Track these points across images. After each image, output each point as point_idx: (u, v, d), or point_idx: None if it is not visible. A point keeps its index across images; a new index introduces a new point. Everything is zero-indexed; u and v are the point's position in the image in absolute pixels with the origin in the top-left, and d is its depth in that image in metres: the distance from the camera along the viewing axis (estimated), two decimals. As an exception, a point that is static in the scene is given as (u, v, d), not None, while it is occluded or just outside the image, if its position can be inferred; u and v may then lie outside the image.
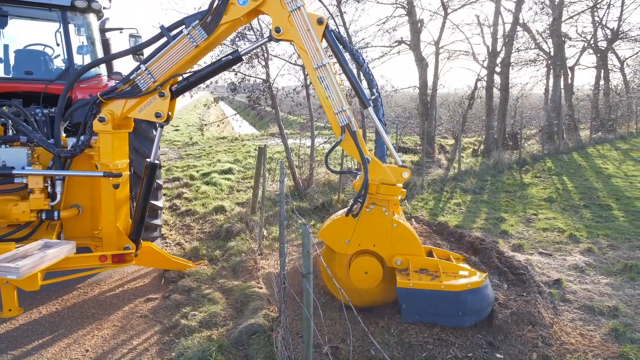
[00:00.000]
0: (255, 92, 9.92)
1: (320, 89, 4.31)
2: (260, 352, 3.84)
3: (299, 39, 4.24)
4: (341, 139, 4.31)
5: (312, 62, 4.25)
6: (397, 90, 15.25)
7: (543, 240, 7.32)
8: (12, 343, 4.17)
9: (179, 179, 11.32)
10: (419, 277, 4.23)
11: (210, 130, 20.08)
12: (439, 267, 4.37)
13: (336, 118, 4.29)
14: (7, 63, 6.41)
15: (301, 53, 4.36)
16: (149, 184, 4.76)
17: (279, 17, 4.27)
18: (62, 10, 6.01)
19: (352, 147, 4.33)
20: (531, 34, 18.31)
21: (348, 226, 4.42)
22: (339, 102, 4.26)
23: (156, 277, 5.74)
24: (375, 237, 4.41)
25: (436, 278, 4.22)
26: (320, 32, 4.28)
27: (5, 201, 4.46)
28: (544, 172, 13.28)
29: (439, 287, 4.09)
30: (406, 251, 4.41)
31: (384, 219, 4.37)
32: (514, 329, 4.18)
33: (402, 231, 4.41)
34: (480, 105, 17.98)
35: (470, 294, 4.09)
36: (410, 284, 4.11)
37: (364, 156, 4.28)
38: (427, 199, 10.11)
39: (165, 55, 4.35)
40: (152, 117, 4.54)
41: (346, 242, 4.43)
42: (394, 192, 4.31)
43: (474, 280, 4.18)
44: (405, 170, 4.38)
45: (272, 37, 4.40)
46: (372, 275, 4.39)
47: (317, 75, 4.27)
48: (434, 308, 4.12)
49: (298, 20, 4.20)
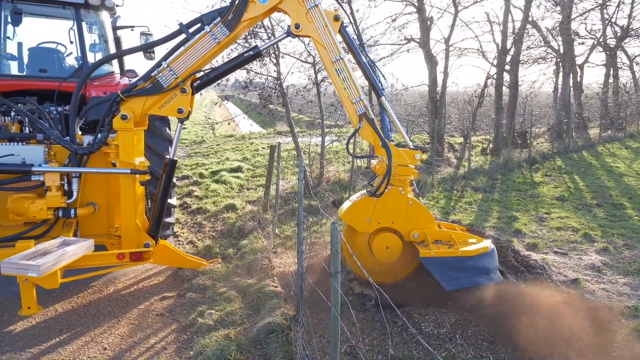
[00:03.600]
0: (266, 89, 9.90)
1: (338, 81, 4.59)
2: (279, 351, 3.81)
3: (317, 35, 4.48)
4: (359, 126, 4.63)
5: (331, 56, 4.51)
6: (407, 88, 15.18)
7: (557, 239, 7.25)
8: (30, 341, 4.17)
9: (188, 177, 11.32)
10: (437, 247, 4.63)
11: (217, 129, 20.08)
12: (452, 237, 4.75)
13: (354, 107, 4.61)
14: (21, 61, 6.42)
15: (319, 48, 4.58)
16: (168, 180, 4.80)
17: (297, 14, 4.46)
18: (75, 8, 6.01)
19: (370, 134, 4.66)
20: (541, 31, 18.16)
21: (368, 206, 4.70)
22: (356, 92, 4.57)
23: (170, 275, 5.73)
24: (393, 215, 4.73)
25: (452, 247, 4.62)
26: (337, 28, 4.56)
27: (23, 199, 4.46)
28: (554, 170, 13.18)
29: (457, 253, 4.52)
30: (421, 225, 4.75)
31: (400, 197, 4.71)
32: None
33: (417, 207, 4.77)
34: (489, 103, 17.86)
35: (482, 257, 4.61)
36: (431, 253, 4.50)
37: (385, 141, 4.58)
38: (438, 198, 10.05)
39: (187, 52, 4.40)
40: (174, 113, 4.58)
41: (367, 221, 4.71)
42: (409, 172, 4.67)
43: (484, 246, 4.70)
44: (418, 152, 4.73)
45: (291, 33, 4.58)
46: (393, 249, 4.71)
47: (335, 68, 4.54)
48: (456, 271, 4.49)
49: (316, 17, 4.44)
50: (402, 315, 4.38)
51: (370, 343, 4.13)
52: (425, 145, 16.65)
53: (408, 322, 4.30)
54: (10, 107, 4.67)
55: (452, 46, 15.62)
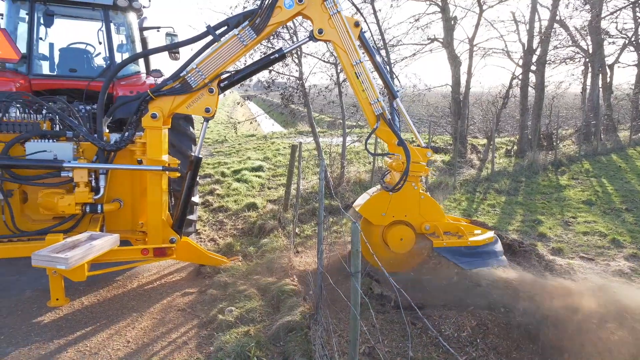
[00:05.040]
0: (288, 89, 9.96)
1: (357, 83, 4.87)
2: (298, 349, 3.83)
3: (339, 40, 4.76)
4: (377, 126, 4.94)
5: (351, 60, 4.78)
6: (429, 88, 15.02)
7: (584, 244, 7.06)
8: (58, 332, 4.30)
9: (210, 175, 11.47)
10: (448, 238, 5.05)
11: (239, 129, 20.30)
12: (460, 228, 5.17)
13: (372, 108, 4.90)
14: (53, 61, 6.63)
15: (340, 52, 4.85)
16: (193, 177, 4.93)
17: (320, 19, 4.72)
18: (104, 10, 6.18)
19: (387, 134, 4.99)
20: (569, 31, 17.71)
21: (383, 201, 5.04)
22: (374, 94, 4.87)
23: (192, 272, 5.82)
24: (406, 209, 5.09)
25: (461, 237, 5.06)
26: (357, 34, 4.85)
27: (52, 194, 4.60)
28: (581, 173, 12.84)
29: (466, 243, 4.99)
30: (432, 218, 5.13)
31: (413, 192, 5.06)
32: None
33: (428, 202, 5.15)
34: (514, 105, 17.52)
35: (489, 245, 5.11)
36: (444, 243, 4.95)
37: (402, 140, 4.90)
38: (460, 200, 9.92)
39: (215, 53, 4.57)
40: (202, 112, 4.73)
41: (382, 215, 5.04)
42: (421, 169, 5.00)
43: (489, 236, 5.19)
44: (429, 151, 5.11)
45: (313, 37, 4.83)
46: (407, 240, 5.11)
47: (354, 71, 4.82)
48: (469, 257, 4.93)
49: (338, 23, 4.72)
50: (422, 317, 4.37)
51: (390, 344, 4.11)
52: (448, 147, 16.45)
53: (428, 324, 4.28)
54: (42, 105, 4.83)
55: (476, 46, 15.39)
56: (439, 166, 13.27)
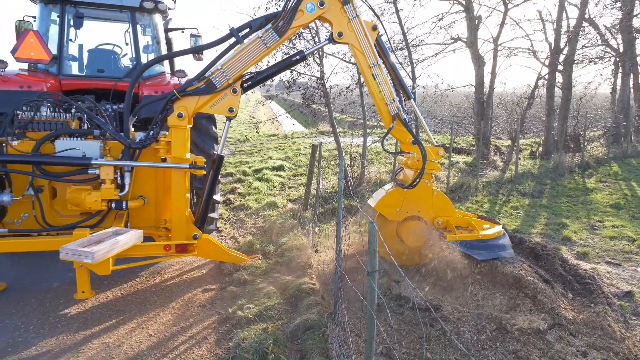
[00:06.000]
0: (309, 89, 10.01)
1: (373, 84, 5.11)
2: (315, 347, 3.85)
3: (357, 43, 4.97)
4: (392, 126, 5.19)
5: (368, 62, 5.02)
6: (452, 88, 14.83)
7: (610, 249, 6.87)
8: (84, 324, 4.44)
9: (232, 174, 11.62)
10: (460, 232, 5.28)
11: (261, 128, 20.48)
12: (470, 223, 5.45)
13: (388, 108, 5.15)
14: (82, 62, 6.84)
15: (358, 54, 5.06)
16: (215, 175, 5.04)
17: (340, 23, 4.93)
18: (131, 11, 6.34)
19: (402, 133, 5.26)
20: (598, 29, 17.20)
21: (398, 197, 5.32)
22: (390, 95, 5.12)
23: (212, 269, 5.92)
24: (420, 205, 5.35)
25: (472, 231, 5.31)
26: (374, 37, 5.07)
27: (80, 190, 4.76)
28: (610, 176, 12.47)
29: (478, 236, 5.23)
30: (444, 213, 5.40)
31: (426, 189, 5.32)
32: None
33: (440, 198, 5.41)
34: (539, 105, 17.12)
35: (498, 238, 5.36)
36: (457, 237, 5.15)
37: (418, 139, 5.16)
38: (482, 202, 9.78)
39: (239, 55, 4.71)
40: (225, 112, 4.87)
41: (397, 210, 5.31)
42: (434, 167, 5.27)
43: (498, 230, 5.42)
44: (441, 149, 5.33)
45: (332, 40, 5.03)
46: (420, 235, 5.35)
47: (372, 73, 5.05)
48: (481, 249, 5.16)
49: (357, 26, 4.93)
50: (441, 319, 4.33)
51: (407, 346, 4.09)
52: (470, 148, 16.22)
53: (445, 326, 4.24)
54: (71, 104, 5.00)
55: (500, 45, 15.11)
56: (461, 167, 13.10)
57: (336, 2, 4.86)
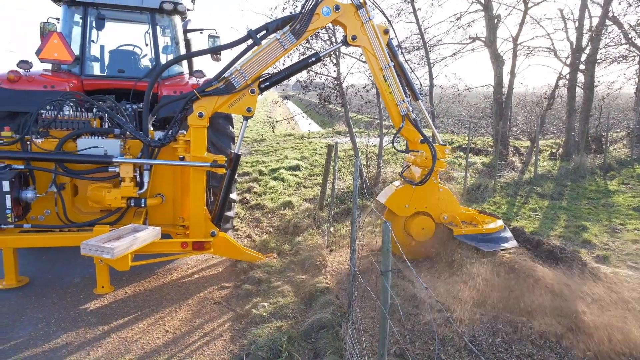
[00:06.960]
0: (325, 90, 10.03)
1: (384, 86, 5.35)
2: (328, 346, 3.87)
3: (370, 46, 5.20)
4: (402, 126, 5.44)
5: (380, 64, 5.25)
6: (470, 88, 14.67)
7: (632, 252, 6.70)
8: (102, 319, 4.55)
9: (248, 173, 11.72)
10: (466, 226, 5.59)
11: (277, 128, 20.58)
12: (474, 217, 5.76)
13: (398, 109, 5.40)
14: (103, 62, 7.00)
15: (370, 57, 5.27)
16: (232, 173, 5.12)
17: (354, 26, 5.14)
18: (151, 13, 6.46)
19: (411, 133, 5.52)
20: (622, 28, 16.76)
21: (407, 194, 5.60)
22: (400, 95, 5.36)
23: (228, 267, 5.99)
24: (427, 201, 5.63)
25: (476, 226, 5.60)
26: (386, 40, 5.28)
27: (100, 188, 4.87)
28: (633, 179, 12.16)
29: (482, 231, 5.52)
30: (449, 209, 5.69)
31: (433, 185, 5.59)
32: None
33: (446, 194, 5.71)
34: (560, 106, 16.77)
35: (501, 231, 5.67)
36: (463, 232, 5.48)
37: (427, 138, 5.38)
38: (500, 203, 9.65)
39: (258, 56, 4.82)
40: (243, 112, 4.98)
41: (405, 206, 5.59)
42: (440, 165, 5.49)
43: (499, 225, 5.73)
44: (447, 148, 5.62)
45: (346, 42, 5.23)
46: (428, 229, 5.69)
47: (383, 74, 5.28)
48: (486, 242, 5.44)
49: (370, 30, 5.14)
50: (455, 321, 4.30)
51: (421, 347, 4.07)
52: (489, 148, 16.01)
53: (459, 329, 4.21)
54: (92, 104, 5.12)
55: (520, 45, 14.87)
56: (478, 168, 12.94)
57: (350, 6, 5.03)
